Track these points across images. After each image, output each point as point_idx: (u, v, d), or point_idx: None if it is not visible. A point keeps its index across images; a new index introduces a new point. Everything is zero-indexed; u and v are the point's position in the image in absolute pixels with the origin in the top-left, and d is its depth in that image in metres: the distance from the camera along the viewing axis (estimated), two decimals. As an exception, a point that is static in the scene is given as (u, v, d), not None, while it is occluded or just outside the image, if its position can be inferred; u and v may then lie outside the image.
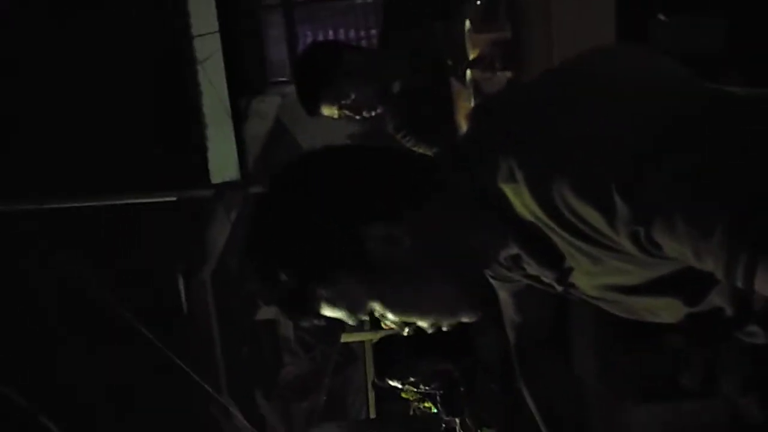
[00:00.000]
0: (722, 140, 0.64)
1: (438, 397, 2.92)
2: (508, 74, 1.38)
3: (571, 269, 0.77)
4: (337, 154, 0.81)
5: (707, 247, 0.62)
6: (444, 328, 0.83)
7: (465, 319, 0.83)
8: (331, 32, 4.40)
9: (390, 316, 0.80)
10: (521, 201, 0.71)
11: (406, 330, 0.83)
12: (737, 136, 0.64)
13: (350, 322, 0.81)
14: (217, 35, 3.29)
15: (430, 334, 0.83)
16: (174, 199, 2.73)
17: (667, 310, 0.79)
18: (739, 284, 0.63)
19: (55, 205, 2.60)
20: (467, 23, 1.50)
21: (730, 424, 1.64)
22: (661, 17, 1.64)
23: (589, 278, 0.77)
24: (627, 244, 0.66)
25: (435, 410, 3.21)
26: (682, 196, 0.62)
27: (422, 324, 0.82)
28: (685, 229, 0.62)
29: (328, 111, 1.96)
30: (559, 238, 0.71)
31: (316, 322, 0.81)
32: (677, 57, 0.75)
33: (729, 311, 0.75)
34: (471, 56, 1.45)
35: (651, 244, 0.65)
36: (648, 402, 1.80)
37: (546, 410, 1.12)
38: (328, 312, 0.79)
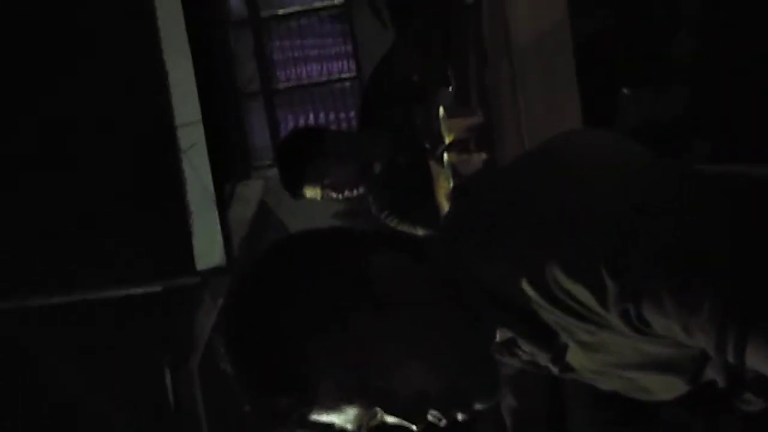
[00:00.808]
0: (699, 216, 0.66)
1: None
2: (484, 156, 1.43)
3: (566, 347, 0.76)
4: (314, 242, 0.80)
5: (697, 323, 0.63)
6: (459, 418, 0.79)
7: (480, 404, 0.79)
8: (311, 116, 4.53)
9: (391, 418, 0.77)
10: (510, 281, 0.71)
11: (417, 422, 0.77)
12: (713, 212, 0.66)
13: (350, 426, 0.77)
14: (200, 124, 3.36)
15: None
16: (159, 289, 2.71)
17: (666, 388, 0.79)
18: (731, 359, 0.63)
19: (38, 303, 2.57)
20: (441, 109, 1.56)
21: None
22: (625, 91, 1.71)
23: (585, 353, 0.76)
24: (618, 323, 0.67)
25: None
26: (667, 273, 0.63)
27: (433, 413, 0.77)
28: (673, 307, 0.63)
29: (311, 192, 1.99)
30: (552, 316, 0.72)
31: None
32: (644, 127, 0.78)
33: (721, 382, 0.75)
34: (447, 139, 1.50)
35: (641, 322, 0.66)
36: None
37: None
38: (324, 417, 0.77)
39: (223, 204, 3.24)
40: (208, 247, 3.23)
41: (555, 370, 0.81)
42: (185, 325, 2.89)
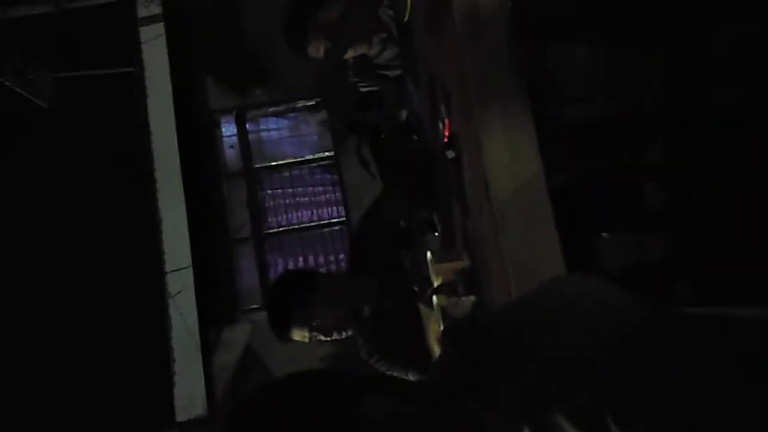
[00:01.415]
0: (695, 364, 0.67)
1: None
2: (472, 298, 1.45)
3: None
4: (302, 385, 0.79)
5: None
6: None
7: None
8: (300, 259, 4.59)
9: None
10: (509, 427, 0.70)
11: None
12: (710, 361, 0.67)
13: None
14: (190, 269, 3.39)
15: None
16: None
17: None
18: None
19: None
20: (428, 254, 1.61)
21: None
22: (604, 235, 1.78)
23: None
24: None
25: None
26: (675, 415, 0.63)
27: None
28: None
29: (299, 335, 1.98)
30: None
31: None
32: (627, 271, 0.81)
33: None
34: (435, 283, 1.54)
35: None
36: None
37: None
38: None
39: (207, 350, 3.17)
40: (190, 397, 3.10)
41: None
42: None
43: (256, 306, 3.99)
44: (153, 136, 3.84)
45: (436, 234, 1.89)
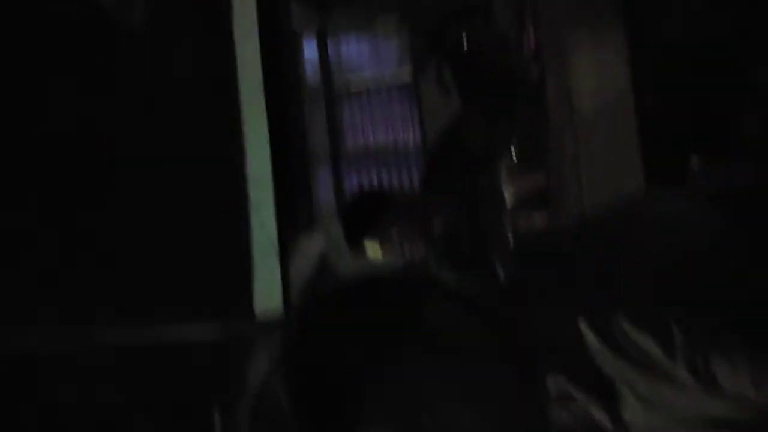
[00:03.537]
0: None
1: None
2: (544, 215, 1.46)
3: (623, 403, 0.75)
4: (375, 286, 0.82)
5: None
6: None
7: None
8: (376, 178, 4.67)
9: None
10: (569, 329, 0.73)
11: None
12: None
13: None
14: (270, 180, 3.53)
15: None
16: (217, 331, 2.77)
17: None
18: None
19: (92, 339, 2.64)
20: (503, 169, 1.62)
21: None
22: (693, 160, 1.71)
23: (641, 409, 0.75)
24: (683, 375, 0.67)
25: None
26: (743, 321, 0.65)
27: None
28: (744, 359, 0.64)
29: (372, 249, 2.10)
30: (612, 365, 0.72)
31: None
32: (717, 196, 0.80)
33: None
34: (508, 199, 1.55)
35: (708, 375, 0.66)
36: None
37: None
38: None
39: (285, 255, 3.34)
40: (268, 295, 3.31)
41: (609, 424, 0.81)
42: (238, 369, 2.93)
43: (332, 220, 4.14)
44: (238, 52, 3.91)
45: (513, 155, 1.89)
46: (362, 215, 2.12)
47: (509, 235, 1.60)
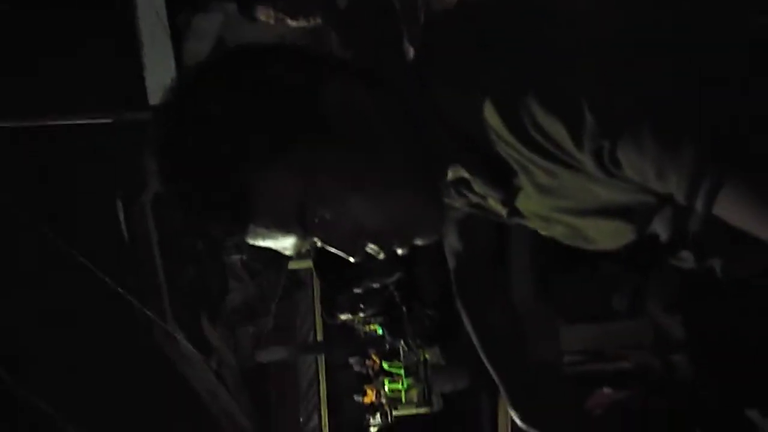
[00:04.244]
0: (698, 55, 0.62)
1: (382, 321, 3.00)
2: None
3: (518, 190, 0.74)
4: (263, 57, 0.74)
5: (673, 165, 0.61)
6: (399, 251, 0.77)
7: (420, 240, 0.78)
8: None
9: (334, 239, 0.73)
10: (475, 112, 0.67)
11: (355, 255, 0.76)
12: (715, 52, 0.62)
13: (287, 252, 0.75)
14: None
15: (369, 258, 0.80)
16: (110, 121, 2.60)
17: (611, 236, 0.78)
18: (699, 206, 0.62)
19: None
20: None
21: (654, 341, 1.77)
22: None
23: (538, 197, 0.74)
24: (588, 161, 0.65)
25: (380, 332, 3.31)
26: (653, 113, 0.61)
27: (372, 246, 0.76)
28: (652, 146, 0.61)
29: (265, 14, 1.99)
30: (516, 153, 0.69)
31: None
32: None
33: (664, 237, 0.75)
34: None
35: (612, 162, 0.64)
36: (579, 322, 1.94)
37: (483, 332, 1.15)
38: (260, 239, 0.74)
39: (177, 37, 3.04)
40: (161, 82, 3.09)
41: (503, 212, 0.80)
42: (137, 161, 2.83)
43: (227, -4, 3.74)
44: None
45: None
46: None
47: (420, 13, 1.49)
